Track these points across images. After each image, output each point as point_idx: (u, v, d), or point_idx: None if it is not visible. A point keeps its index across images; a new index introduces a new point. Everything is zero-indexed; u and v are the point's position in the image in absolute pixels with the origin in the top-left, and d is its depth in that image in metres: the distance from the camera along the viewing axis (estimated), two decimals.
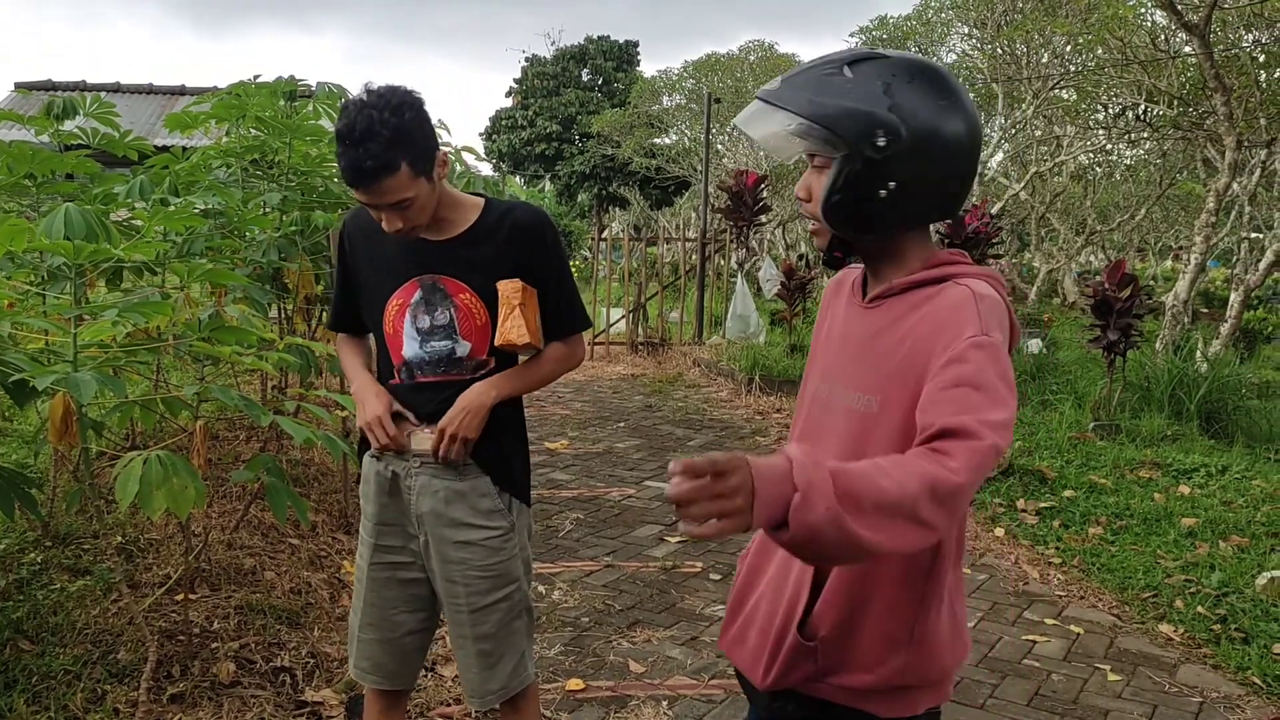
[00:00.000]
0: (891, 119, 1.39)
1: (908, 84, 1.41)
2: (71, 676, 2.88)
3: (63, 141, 4.34)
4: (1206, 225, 9.65)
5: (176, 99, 15.05)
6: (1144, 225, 24.78)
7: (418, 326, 2.18)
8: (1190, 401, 7.59)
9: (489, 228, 2.18)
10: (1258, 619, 4.05)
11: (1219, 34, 10.65)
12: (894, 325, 1.47)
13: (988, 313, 1.38)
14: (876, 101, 1.39)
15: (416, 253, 2.17)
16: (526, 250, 2.19)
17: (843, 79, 1.42)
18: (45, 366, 2.41)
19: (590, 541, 5.02)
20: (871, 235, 1.49)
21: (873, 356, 1.48)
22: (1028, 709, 3.39)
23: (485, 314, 2.18)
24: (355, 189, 2.01)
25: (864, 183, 1.42)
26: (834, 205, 1.45)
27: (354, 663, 2.34)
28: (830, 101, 1.41)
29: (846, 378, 1.53)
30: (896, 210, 1.44)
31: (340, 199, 4.42)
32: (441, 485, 2.20)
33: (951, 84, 1.45)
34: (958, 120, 1.43)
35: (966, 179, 1.48)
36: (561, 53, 30.85)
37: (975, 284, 1.43)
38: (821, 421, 1.57)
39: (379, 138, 1.95)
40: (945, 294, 1.43)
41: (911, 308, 1.46)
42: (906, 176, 1.41)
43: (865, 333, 1.52)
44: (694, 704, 3.31)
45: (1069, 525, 5.32)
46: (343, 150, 1.97)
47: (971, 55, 16.66)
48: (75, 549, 3.65)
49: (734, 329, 11.46)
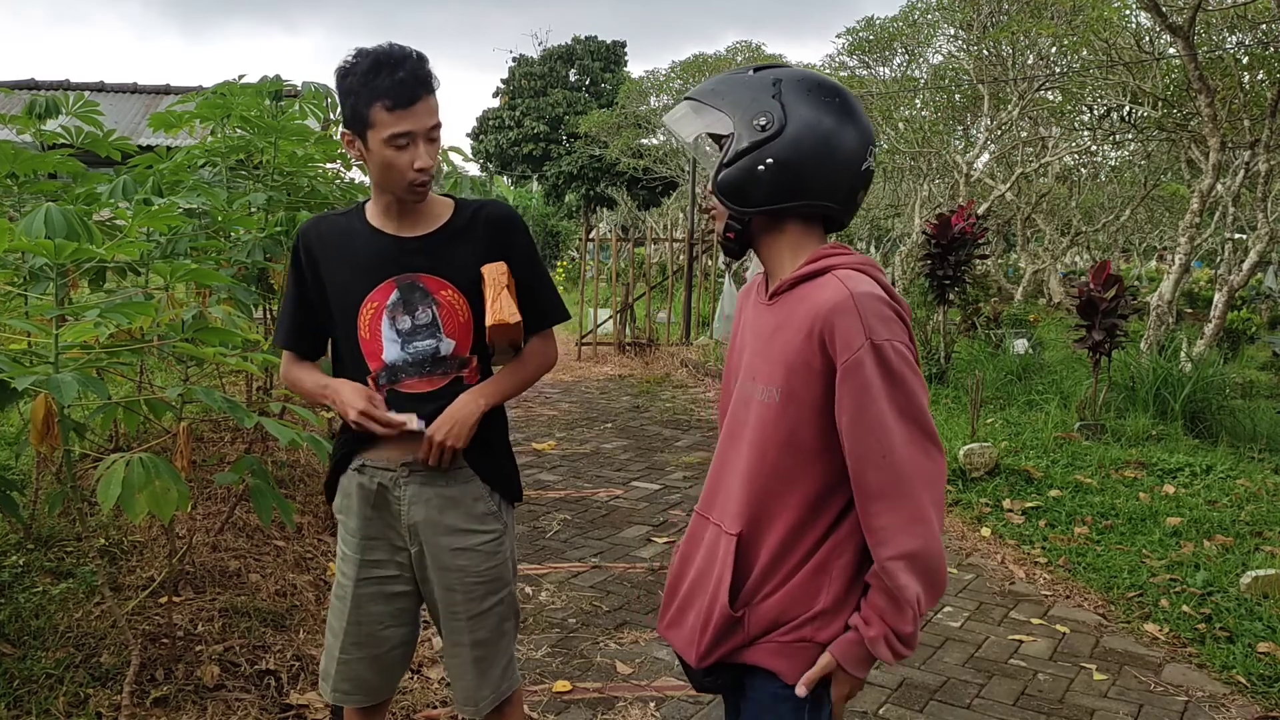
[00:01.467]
0: (773, 105, 1.60)
1: (795, 83, 1.62)
2: (53, 680, 2.85)
3: (45, 141, 4.30)
4: (1191, 226, 9.70)
5: (161, 98, 14.95)
6: (1129, 226, 24.93)
7: (398, 328, 2.13)
8: (1175, 401, 7.64)
9: (464, 224, 2.17)
10: (1242, 618, 4.07)
11: (1203, 36, 10.72)
12: (788, 319, 1.62)
13: (866, 310, 1.53)
14: (764, 91, 1.62)
15: (391, 251, 2.13)
16: (505, 242, 2.19)
17: (746, 76, 1.66)
18: (27, 368, 2.39)
19: (577, 542, 5.01)
20: (752, 210, 1.63)
21: (773, 350, 1.63)
22: (1014, 709, 3.39)
23: (468, 310, 2.15)
24: (402, 109, 1.97)
25: (746, 157, 1.60)
26: (722, 178, 1.64)
27: (333, 686, 2.25)
28: (727, 90, 1.66)
29: (757, 372, 1.66)
30: (775, 189, 1.60)
31: (326, 199, 4.40)
32: (433, 493, 2.16)
33: (839, 93, 1.63)
34: (835, 119, 1.60)
35: (844, 179, 1.62)
36: (549, 53, 30.81)
37: (849, 277, 1.57)
38: (739, 420, 1.71)
39: (414, 57, 2.00)
40: (824, 289, 1.57)
41: (799, 301, 1.61)
42: (784, 156, 1.59)
43: (767, 328, 1.67)
44: (681, 705, 3.31)
45: (1055, 525, 5.34)
46: (388, 71, 1.96)
47: (958, 57, 16.70)
48: (57, 551, 3.62)
49: (721, 330, 11.46)
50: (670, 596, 1.79)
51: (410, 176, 2.03)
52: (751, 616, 1.64)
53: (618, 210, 31.69)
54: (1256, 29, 10.66)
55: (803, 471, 1.60)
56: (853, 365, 1.52)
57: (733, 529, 1.65)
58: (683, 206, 26.88)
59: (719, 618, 1.64)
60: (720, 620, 1.64)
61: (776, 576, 1.63)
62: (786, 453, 1.60)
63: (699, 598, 1.70)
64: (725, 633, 1.65)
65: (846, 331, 1.52)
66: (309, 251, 2.19)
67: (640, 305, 13.12)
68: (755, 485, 1.63)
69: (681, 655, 1.75)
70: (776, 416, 1.61)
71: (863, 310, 1.52)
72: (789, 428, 1.60)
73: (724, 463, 1.74)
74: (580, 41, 31.02)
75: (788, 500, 1.61)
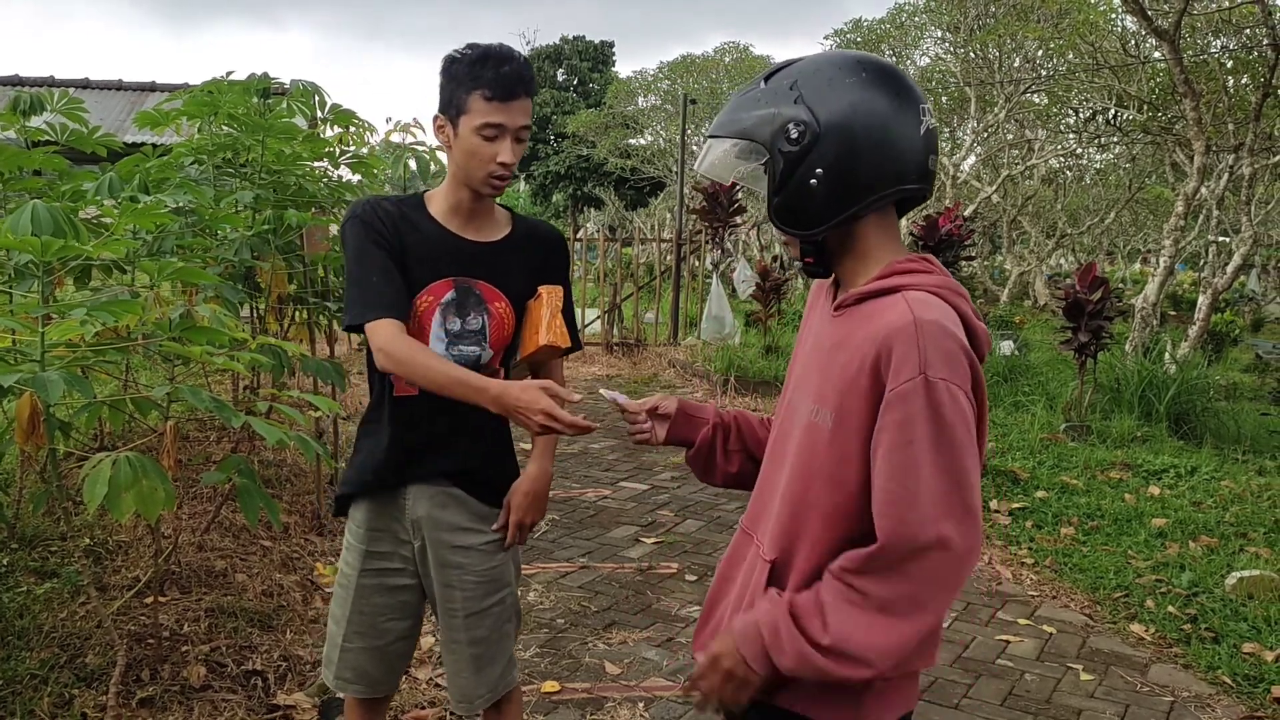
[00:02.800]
0: (797, 111, 1.43)
1: (813, 76, 1.45)
2: (38, 680, 2.83)
3: (30, 138, 4.26)
4: (1175, 229, 9.76)
5: (146, 95, 14.86)
6: (1113, 229, 25.07)
7: (447, 328, 2.11)
8: (1160, 403, 7.68)
9: (520, 238, 2.19)
10: (1227, 618, 4.10)
11: (1188, 39, 10.79)
12: (849, 337, 1.45)
13: (929, 342, 1.34)
14: (783, 100, 1.45)
15: (455, 251, 2.12)
16: (556, 265, 2.23)
17: (758, 92, 1.49)
18: (12, 366, 2.37)
19: (566, 543, 5.00)
20: (820, 229, 1.47)
21: (831, 369, 1.46)
22: (1001, 709, 3.40)
23: (513, 324, 2.17)
24: (501, 101, 1.99)
25: (791, 176, 1.44)
26: (776, 207, 1.48)
27: (335, 673, 2.27)
28: (746, 114, 1.49)
29: (809, 387, 1.52)
30: (835, 199, 1.44)
31: (314, 198, 4.38)
32: (437, 489, 2.17)
33: (864, 65, 1.46)
34: (872, 95, 1.42)
35: (910, 154, 1.44)
36: (536, 53, 30.79)
37: (919, 304, 1.38)
38: (786, 434, 1.57)
39: (521, 60, 2.04)
40: (888, 311, 1.40)
41: (864, 319, 1.44)
42: (833, 160, 1.42)
43: (829, 343, 1.50)
44: (670, 705, 3.31)
45: (1041, 526, 5.36)
46: (492, 65, 1.99)
47: (944, 59, 16.77)
48: (42, 551, 3.59)
49: (709, 330, 11.46)
50: (707, 615, 1.67)
51: (491, 168, 2.04)
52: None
53: (605, 210, 31.69)
54: (1241, 33, 10.74)
55: (844, 513, 1.44)
56: (901, 395, 1.34)
57: (769, 555, 1.52)
58: (670, 207, 26.88)
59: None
60: None
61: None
62: (830, 489, 1.44)
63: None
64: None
65: (901, 359, 1.35)
66: (387, 223, 2.08)
67: (628, 306, 13.11)
68: (793, 513, 1.49)
69: None
70: (826, 445, 1.45)
71: (924, 339, 1.34)
72: (836, 460, 1.43)
73: (768, 478, 1.61)
74: (568, 41, 31.02)
75: (822, 535, 1.46)
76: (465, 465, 2.17)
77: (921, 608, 1.34)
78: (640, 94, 24.42)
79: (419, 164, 4.04)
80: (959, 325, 1.41)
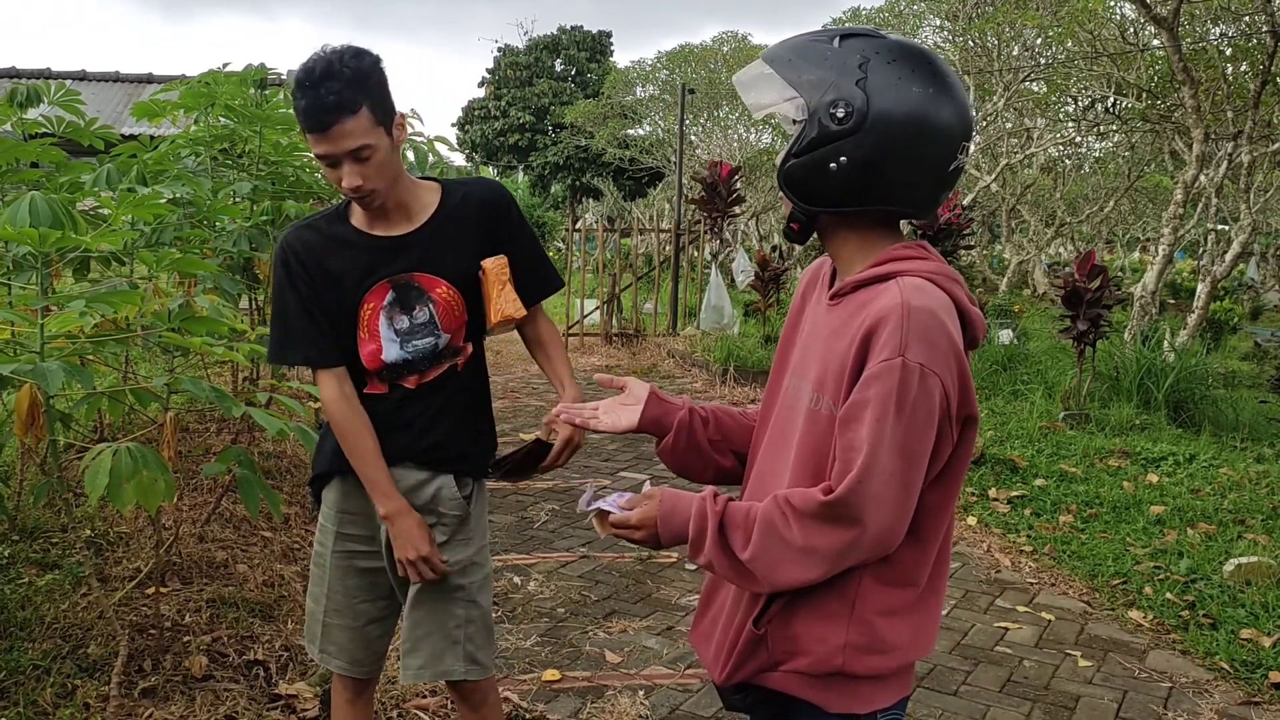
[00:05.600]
0: (856, 92, 1.38)
1: (887, 64, 1.39)
2: (40, 671, 2.84)
3: (27, 130, 4.26)
4: (1174, 217, 9.75)
5: (143, 87, 14.83)
6: (1112, 217, 25.04)
7: (396, 328, 2.11)
8: (1158, 391, 7.69)
9: (452, 212, 2.14)
10: (1225, 605, 4.11)
11: (1187, 27, 10.76)
12: (845, 325, 1.44)
13: (913, 326, 1.35)
14: (847, 74, 1.39)
15: (380, 252, 2.10)
16: (497, 226, 2.18)
17: (828, 48, 1.42)
18: (11, 357, 2.37)
19: (565, 532, 5.01)
20: (820, 209, 1.46)
21: (830, 358, 1.45)
22: (1000, 695, 3.42)
23: (463, 304, 2.15)
24: (315, 134, 1.92)
25: (816, 150, 1.41)
26: (788, 169, 1.45)
27: (320, 647, 2.28)
28: (806, 67, 1.42)
29: (808, 374, 1.51)
30: (845, 191, 1.42)
31: (312, 189, 4.38)
32: (405, 472, 2.16)
33: (939, 73, 1.41)
34: (933, 112, 1.38)
35: (939, 176, 1.43)
36: (534, 43, 30.67)
37: (912, 289, 1.38)
38: (788, 422, 1.55)
39: (339, 77, 1.90)
40: (882, 295, 1.39)
41: (859, 306, 1.43)
42: (861, 157, 1.39)
43: (826, 330, 1.50)
44: (670, 693, 3.32)
45: (1040, 513, 5.37)
46: (302, 94, 1.91)
47: (943, 47, 16.72)
48: (43, 543, 3.60)
49: (708, 320, 11.47)
50: (705, 605, 1.68)
51: (345, 191, 2.01)
52: (772, 633, 1.51)
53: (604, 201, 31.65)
54: (1240, 21, 10.72)
55: None
56: (876, 372, 1.35)
57: None
58: (669, 197, 26.85)
59: (744, 637, 1.53)
60: (744, 639, 1.53)
61: (801, 599, 1.49)
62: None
63: (730, 613, 1.58)
64: (749, 652, 1.53)
65: (884, 339, 1.35)
66: (299, 262, 2.10)
67: (627, 296, 13.11)
68: None
69: (708, 669, 1.64)
70: (829, 429, 1.44)
71: (909, 323, 1.35)
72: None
73: (767, 466, 1.59)
74: (566, 31, 30.89)
75: None
76: (438, 446, 2.16)
77: (828, 565, 1.40)
78: (638, 84, 24.34)
79: (417, 155, 4.03)
80: (952, 312, 1.41)
